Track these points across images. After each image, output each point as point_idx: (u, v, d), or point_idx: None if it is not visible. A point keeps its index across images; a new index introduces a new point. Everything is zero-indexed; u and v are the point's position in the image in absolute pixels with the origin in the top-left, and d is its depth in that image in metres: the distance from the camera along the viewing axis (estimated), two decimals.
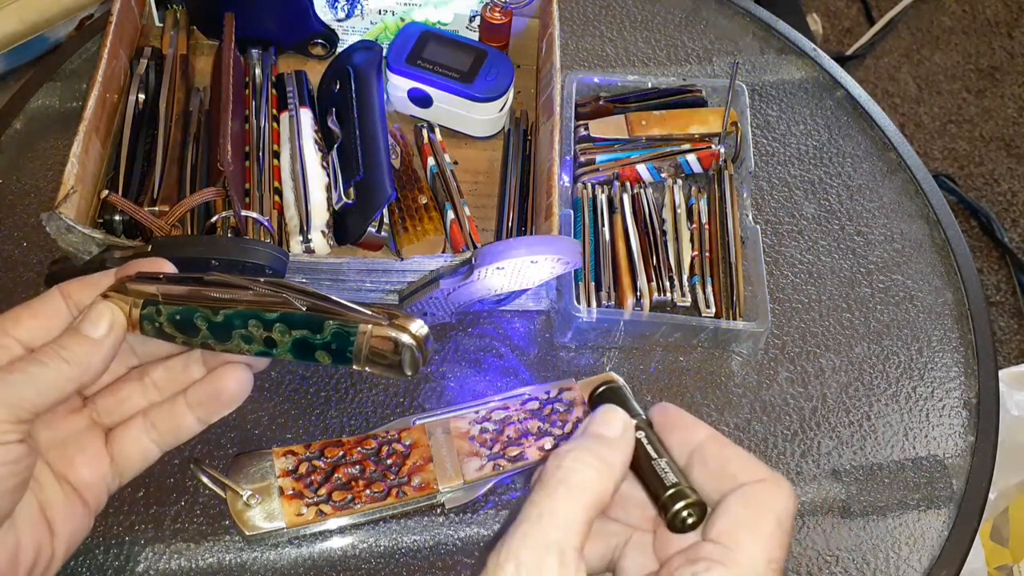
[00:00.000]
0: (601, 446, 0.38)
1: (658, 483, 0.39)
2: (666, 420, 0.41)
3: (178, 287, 0.44)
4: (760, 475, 0.38)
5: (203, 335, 0.44)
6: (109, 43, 0.70)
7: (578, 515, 0.36)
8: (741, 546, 0.36)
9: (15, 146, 0.78)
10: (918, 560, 0.64)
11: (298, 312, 0.42)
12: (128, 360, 0.47)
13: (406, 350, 0.42)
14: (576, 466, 0.37)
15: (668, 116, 0.79)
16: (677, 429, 0.41)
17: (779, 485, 0.38)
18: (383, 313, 0.42)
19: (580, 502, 0.36)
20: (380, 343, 0.42)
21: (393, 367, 0.43)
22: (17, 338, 0.43)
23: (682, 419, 0.41)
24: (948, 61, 1.82)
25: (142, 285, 0.44)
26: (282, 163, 0.71)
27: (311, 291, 0.43)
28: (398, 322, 0.42)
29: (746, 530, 0.37)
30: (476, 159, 0.77)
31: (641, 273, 0.71)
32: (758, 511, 0.37)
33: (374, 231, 0.68)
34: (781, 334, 0.73)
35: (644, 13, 0.92)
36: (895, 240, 0.79)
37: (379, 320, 0.42)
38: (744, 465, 0.39)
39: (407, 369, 0.43)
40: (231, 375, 0.46)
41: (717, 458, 0.39)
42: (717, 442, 0.40)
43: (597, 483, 0.37)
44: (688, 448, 0.40)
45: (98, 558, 0.59)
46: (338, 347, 0.43)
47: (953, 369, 0.73)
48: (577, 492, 0.36)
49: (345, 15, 0.80)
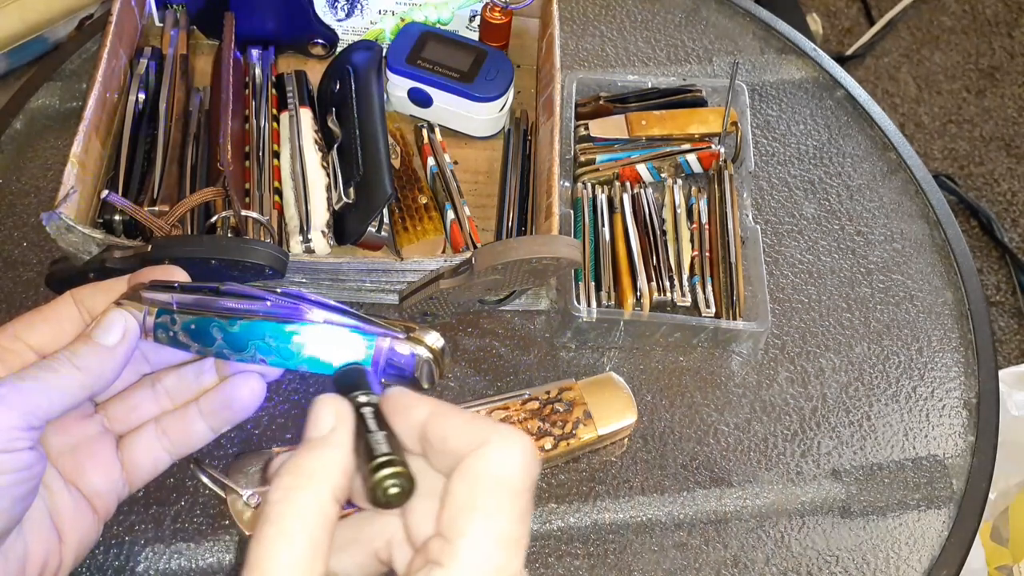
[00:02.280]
0: (310, 456, 0.34)
1: (367, 458, 0.34)
2: (389, 407, 0.36)
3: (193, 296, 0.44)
4: (480, 439, 0.33)
5: (218, 345, 0.43)
6: (109, 43, 0.70)
7: (302, 554, 0.32)
8: (462, 534, 0.32)
9: (15, 146, 0.78)
10: (918, 560, 0.64)
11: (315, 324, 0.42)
12: (140, 367, 0.47)
13: (423, 363, 0.42)
14: (286, 502, 0.33)
15: (668, 116, 0.79)
16: (398, 414, 0.36)
17: (504, 443, 0.33)
18: (400, 326, 0.42)
19: (299, 543, 0.32)
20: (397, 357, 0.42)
21: (410, 380, 0.43)
22: (29, 344, 0.43)
23: (403, 401, 0.36)
24: (948, 61, 1.82)
25: (156, 293, 0.44)
26: (282, 163, 0.71)
27: (328, 304, 0.43)
28: (415, 335, 0.42)
29: (465, 512, 0.32)
30: (476, 159, 0.77)
31: (641, 273, 0.71)
32: (476, 484, 0.32)
33: (374, 231, 0.68)
34: (781, 334, 0.73)
35: (644, 13, 0.92)
36: (895, 240, 0.79)
37: (396, 334, 0.42)
38: (463, 433, 0.34)
39: (424, 382, 0.43)
40: (244, 384, 0.46)
41: (438, 435, 0.34)
42: (438, 417, 0.35)
43: (313, 506, 0.33)
44: (415, 433, 0.35)
45: (98, 558, 0.59)
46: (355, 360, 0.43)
47: (953, 369, 0.73)
48: (292, 529, 0.32)
49: (345, 15, 0.80)
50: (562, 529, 0.64)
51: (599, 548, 0.63)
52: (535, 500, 0.64)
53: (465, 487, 0.32)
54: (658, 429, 0.68)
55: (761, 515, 0.65)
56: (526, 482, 0.33)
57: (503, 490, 0.32)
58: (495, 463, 0.33)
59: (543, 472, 0.65)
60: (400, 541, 0.36)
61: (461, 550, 0.31)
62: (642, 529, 0.64)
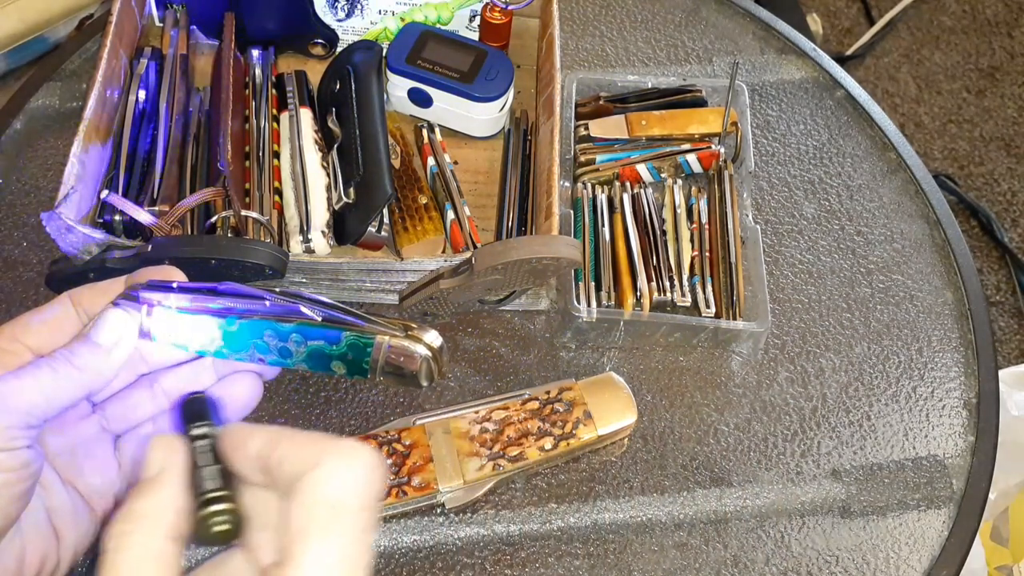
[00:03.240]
0: (141, 500, 0.33)
1: (196, 494, 0.33)
2: (228, 444, 0.35)
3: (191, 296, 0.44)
4: (315, 459, 0.32)
5: (217, 344, 0.44)
6: (109, 43, 0.70)
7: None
8: (293, 559, 0.31)
9: (15, 146, 0.78)
10: (918, 560, 0.64)
11: (314, 323, 0.43)
12: (138, 367, 0.47)
13: (422, 362, 0.43)
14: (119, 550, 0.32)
15: (668, 116, 0.79)
16: (235, 449, 0.34)
17: (337, 461, 0.32)
18: (398, 324, 0.43)
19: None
20: (396, 355, 0.43)
21: (409, 378, 0.43)
22: (26, 344, 0.43)
23: (239, 433, 0.35)
24: (948, 61, 1.82)
25: (154, 293, 0.44)
26: (282, 163, 0.71)
27: (326, 302, 0.43)
28: (413, 333, 0.43)
29: (299, 538, 0.31)
30: (476, 159, 0.77)
31: (641, 273, 0.71)
32: (309, 507, 0.31)
33: (374, 231, 0.68)
34: (781, 334, 0.73)
35: (644, 13, 0.92)
36: (895, 240, 0.79)
37: (395, 332, 0.42)
38: (300, 455, 0.32)
39: (423, 380, 0.43)
40: (242, 383, 0.46)
41: (276, 461, 0.33)
42: (274, 443, 0.33)
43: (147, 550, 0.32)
44: (256, 464, 0.34)
45: None
46: (354, 358, 0.43)
47: (953, 369, 0.73)
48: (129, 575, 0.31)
49: (345, 15, 0.80)
50: (562, 529, 0.64)
51: (599, 548, 0.63)
52: (537, 500, 0.64)
53: (300, 511, 0.31)
54: (658, 429, 0.68)
55: (761, 515, 0.65)
56: (363, 500, 0.32)
57: (336, 511, 0.31)
58: (327, 484, 0.31)
59: (543, 472, 0.65)
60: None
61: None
62: (642, 529, 0.64)
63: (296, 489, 0.32)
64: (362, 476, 0.32)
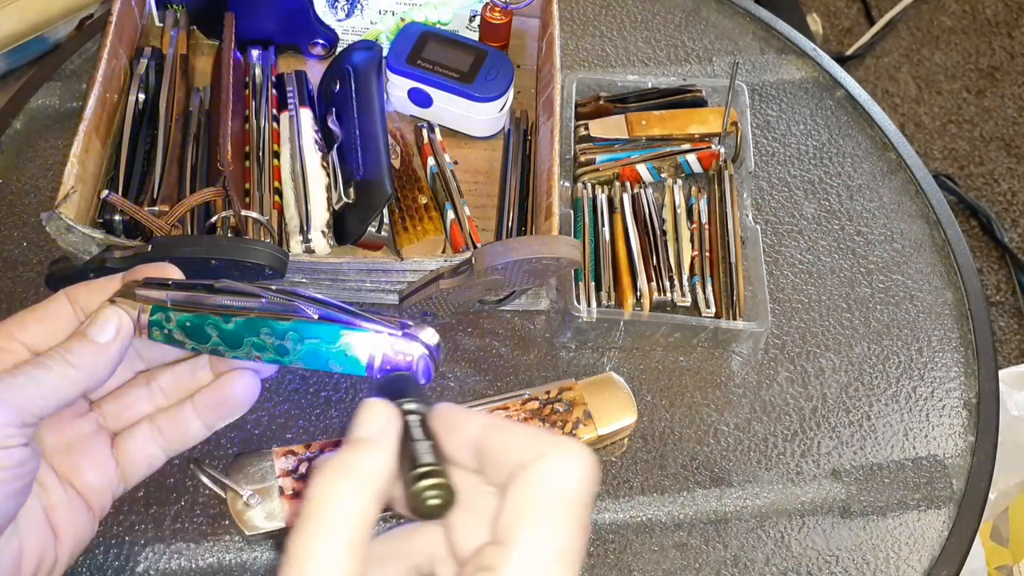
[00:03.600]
0: (357, 455, 0.34)
1: (410, 466, 0.34)
2: (441, 424, 0.36)
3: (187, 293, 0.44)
4: (541, 450, 0.33)
5: (213, 342, 0.44)
6: (109, 43, 0.70)
7: (342, 551, 0.31)
8: (519, 542, 0.31)
9: (15, 146, 0.78)
10: (918, 560, 0.64)
11: (310, 321, 0.43)
12: (135, 365, 0.47)
13: (420, 359, 0.43)
14: (329, 498, 0.32)
15: (668, 116, 0.79)
16: (451, 431, 0.36)
17: (564, 455, 0.33)
18: (395, 322, 0.43)
19: (338, 541, 0.32)
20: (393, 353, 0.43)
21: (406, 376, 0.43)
22: (23, 342, 0.43)
23: (456, 414, 0.36)
24: (948, 61, 1.82)
25: (150, 291, 0.44)
26: (282, 163, 0.71)
27: (323, 300, 0.43)
28: (410, 331, 0.43)
29: (525, 521, 0.32)
30: (476, 159, 0.77)
31: (641, 273, 0.71)
32: (537, 494, 0.32)
33: (374, 231, 0.68)
34: (781, 334, 0.73)
35: (644, 13, 0.92)
36: (895, 240, 0.79)
37: (392, 329, 0.42)
38: (524, 445, 0.33)
39: (420, 378, 0.43)
40: (239, 381, 0.46)
41: (496, 447, 0.34)
42: (494, 430, 0.35)
43: (356, 504, 0.33)
44: (469, 448, 0.35)
45: (98, 558, 0.59)
46: (351, 356, 0.43)
47: (953, 369, 0.73)
48: (334, 526, 0.32)
49: (345, 15, 0.80)
50: None
51: (599, 548, 0.63)
52: None
53: (524, 496, 0.32)
54: (658, 429, 0.68)
55: (761, 515, 0.65)
56: (584, 495, 0.32)
57: (561, 501, 0.32)
58: (555, 474, 0.32)
59: None
60: (443, 556, 0.36)
61: (515, 557, 0.31)
62: (642, 529, 0.64)
63: (520, 477, 0.33)
64: (587, 472, 0.33)
